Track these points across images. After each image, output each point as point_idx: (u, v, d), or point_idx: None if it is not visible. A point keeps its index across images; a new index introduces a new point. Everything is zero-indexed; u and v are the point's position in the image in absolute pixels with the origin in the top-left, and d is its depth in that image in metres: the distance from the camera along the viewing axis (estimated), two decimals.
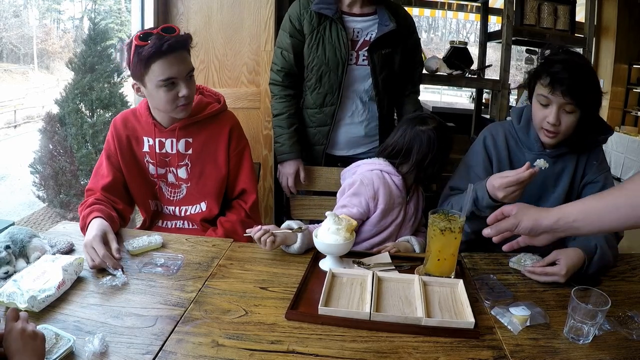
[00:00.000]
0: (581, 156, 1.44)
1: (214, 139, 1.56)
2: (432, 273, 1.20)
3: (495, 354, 0.93)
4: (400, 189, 1.54)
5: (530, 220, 0.98)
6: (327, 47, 1.77)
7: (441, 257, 1.18)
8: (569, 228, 0.95)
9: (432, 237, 1.18)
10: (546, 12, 2.98)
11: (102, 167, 1.54)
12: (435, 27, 32.10)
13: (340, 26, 1.75)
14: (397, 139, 1.53)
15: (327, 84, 1.82)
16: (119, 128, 1.55)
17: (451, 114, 4.91)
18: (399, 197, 1.54)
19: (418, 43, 1.98)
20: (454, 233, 1.16)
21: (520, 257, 1.29)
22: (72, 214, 5.24)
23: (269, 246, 1.28)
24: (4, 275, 1.10)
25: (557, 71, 1.30)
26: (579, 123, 1.35)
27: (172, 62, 1.37)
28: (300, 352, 0.91)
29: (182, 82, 1.41)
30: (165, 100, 1.41)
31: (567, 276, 1.18)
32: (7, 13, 25.47)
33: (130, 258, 1.27)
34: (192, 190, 1.58)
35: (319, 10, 1.75)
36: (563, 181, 1.44)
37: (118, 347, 0.90)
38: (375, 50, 1.79)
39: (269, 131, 2.43)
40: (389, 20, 1.76)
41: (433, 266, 1.20)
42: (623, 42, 6.24)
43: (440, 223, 1.17)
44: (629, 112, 6.66)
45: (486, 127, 1.57)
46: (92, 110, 5.26)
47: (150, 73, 1.38)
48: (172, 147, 1.54)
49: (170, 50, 1.36)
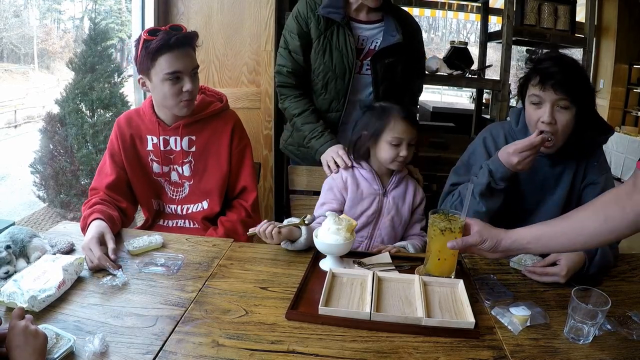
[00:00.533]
0: (581, 159, 1.43)
1: (217, 137, 1.58)
2: (432, 273, 1.20)
3: (496, 354, 0.93)
4: (370, 181, 1.57)
5: (493, 240, 1.08)
6: (335, 53, 1.74)
7: (441, 257, 1.18)
8: (521, 249, 1.08)
9: (432, 237, 1.18)
10: (546, 12, 2.98)
11: (105, 166, 1.55)
12: (435, 27, 32.11)
13: (348, 32, 1.72)
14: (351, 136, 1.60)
15: (333, 90, 1.79)
16: (123, 127, 1.56)
17: (451, 114, 4.92)
18: (369, 188, 1.56)
19: (422, 49, 1.94)
20: (454, 233, 1.15)
21: (521, 257, 1.29)
22: (73, 214, 5.24)
23: (275, 238, 1.29)
24: (4, 275, 1.11)
25: (546, 67, 1.30)
26: (576, 123, 1.34)
27: (178, 56, 1.40)
28: (300, 352, 0.91)
29: (186, 77, 1.43)
30: (170, 94, 1.43)
31: (567, 276, 1.18)
32: (8, 13, 25.48)
33: (130, 258, 1.27)
34: (194, 189, 1.59)
35: (327, 14, 1.70)
36: (563, 183, 1.43)
37: (118, 347, 0.90)
38: (378, 60, 1.75)
39: (269, 131, 2.43)
40: (395, 31, 1.72)
41: (433, 266, 1.20)
42: (623, 42, 6.25)
43: (440, 223, 1.16)
44: (629, 112, 6.66)
45: (486, 128, 1.57)
46: (93, 110, 5.26)
47: (157, 66, 1.41)
48: (176, 144, 1.55)
49: (177, 44, 1.40)
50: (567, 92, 1.28)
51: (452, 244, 1.11)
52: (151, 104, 1.55)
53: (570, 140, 1.38)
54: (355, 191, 1.56)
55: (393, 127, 1.48)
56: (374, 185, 1.57)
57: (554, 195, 1.44)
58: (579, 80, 1.31)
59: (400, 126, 1.49)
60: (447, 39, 29.55)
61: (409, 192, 1.61)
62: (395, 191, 1.59)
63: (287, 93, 1.83)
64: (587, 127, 1.38)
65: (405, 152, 1.49)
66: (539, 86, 1.31)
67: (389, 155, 1.50)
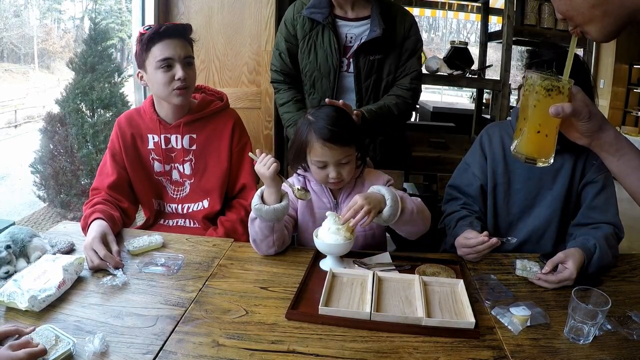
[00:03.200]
0: (580, 155, 1.44)
1: (218, 135, 1.59)
2: (527, 154, 0.91)
3: (496, 354, 0.93)
4: (319, 194, 1.43)
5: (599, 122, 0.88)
6: (319, 53, 1.75)
7: (542, 130, 0.88)
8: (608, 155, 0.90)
9: (531, 104, 0.88)
10: (547, 12, 2.98)
11: (106, 166, 1.55)
12: (435, 27, 32.13)
13: (331, 32, 1.72)
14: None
15: (321, 90, 1.80)
16: (124, 127, 1.56)
17: (452, 114, 4.92)
18: (318, 201, 1.42)
19: (418, 46, 1.81)
20: (562, 95, 0.85)
21: (525, 264, 1.27)
22: (73, 213, 5.24)
23: (271, 168, 1.22)
24: (4, 275, 1.11)
25: (539, 53, 1.34)
26: None
27: (170, 44, 1.43)
28: (300, 352, 0.91)
29: (178, 64, 1.44)
30: (162, 82, 1.44)
31: (576, 278, 1.18)
32: (8, 13, 25.49)
33: (130, 258, 1.27)
34: (195, 187, 1.60)
35: (310, 15, 1.72)
36: (561, 179, 1.44)
37: (118, 347, 0.90)
38: (361, 56, 1.72)
39: (269, 131, 2.43)
40: (377, 26, 1.67)
41: (531, 143, 0.90)
42: (623, 42, 6.25)
43: (545, 81, 0.86)
44: (630, 112, 6.66)
45: (484, 127, 1.60)
46: (93, 110, 5.26)
47: (150, 56, 1.43)
48: (177, 142, 1.56)
49: (168, 33, 1.43)
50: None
51: (556, 109, 0.84)
52: (151, 102, 1.56)
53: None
54: (305, 204, 1.42)
55: (312, 149, 1.31)
56: (322, 198, 1.43)
57: (552, 191, 1.45)
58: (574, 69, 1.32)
59: (317, 149, 1.29)
60: (447, 39, 29.55)
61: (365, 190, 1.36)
62: (350, 198, 1.38)
63: (277, 87, 1.90)
64: None
65: (334, 174, 1.31)
66: (528, 69, 1.34)
67: (319, 177, 1.35)
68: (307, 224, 1.44)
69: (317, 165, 1.32)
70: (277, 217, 1.24)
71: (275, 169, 1.23)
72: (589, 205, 1.41)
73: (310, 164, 1.35)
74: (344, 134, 1.30)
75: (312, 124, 1.31)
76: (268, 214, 1.23)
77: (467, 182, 1.53)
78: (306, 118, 1.35)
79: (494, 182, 1.50)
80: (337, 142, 1.28)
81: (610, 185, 1.43)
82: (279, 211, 1.24)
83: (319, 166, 1.32)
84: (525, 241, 1.49)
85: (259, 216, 1.25)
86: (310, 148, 1.31)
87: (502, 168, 1.48)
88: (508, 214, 1.50)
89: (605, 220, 1.36)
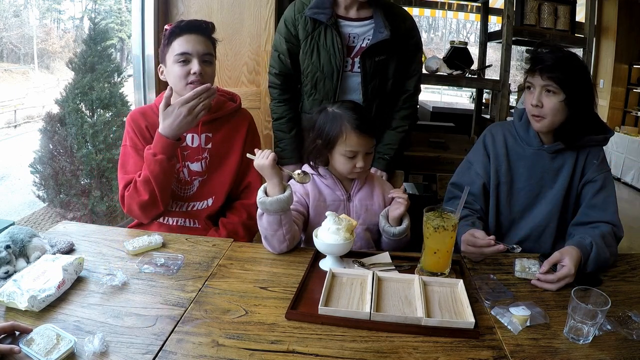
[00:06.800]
0: (580, 154, 1.44)
1: (233, 134, 1.62)
2: (428, 269, 1.22)
3: (495, 354, 0.93)
4: (332, 187, 1.49)
5: None
6: (322, 53, 1.74)
7: (436, 254, 1.21)
8: None
9: (427, 235, 1.21)
10: (546, 12, 2.98)
11: (130, 161, 1.53)
12: (435, 27, 32.12)
13: (335, 32, 1.71)
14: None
15: (323, 90, 1.80)
16: (138, 119, 1.56)
17: (451, 114, 4.92)
18: (332, 194, 1.49)
19: (418, 47, 1.87)
20: (447, 231, 1.18)
21: (523, 265, 1.27)
22: (73, 213, 5.24)
23: (269, 157, 1.27)
24: (4, 275, 1.10)
25: (538, 54, 1.37)
26: (569, 112, 1.36)
27: (189, 40, 1.46)
28: (300, 352, 0.91)
29: (195, 60, 1.47)
30: (179, 75, 1.47)
31: (575, 274, 1.18)
32: (7, 13, 25.47)
33: (130, 258, 1.27)
34: (204, 185, 1.60)
35: (312, 15, 1.71)
36: (562, 177, 1.45)
37: (118, 347, 0.90)
38: (368, 57, 1.73)
39: (269, 131, 2.43)
40: (383, 27, 1.69)
41: (429, 262, 1.22)
42: (623, 42, 6.26)
43: (433, 221, 1.19)
44: (629, 112, 6.67)
45: (487, 127, 1.61)
46: (93, 110, 5.26)
47: (170, 51, 1.48)
48: (193, 141, 1.58)
49: (188, 29, 1.47)
50: (554, 76, 1.32)
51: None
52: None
53: (566, 133, 1.40)
54: (317, 198, 1.48)
55: (346, 139, 1.38)
56: (336, 191, 1.49)
57: (552, 190, 1.46)
58: (570, 67, 1.34)
59: (353, 138, 1.38)
60: (447, 39, 29.57)
61: (377, 189, 1.53)
62: (361, 193, 1.51)
63: (273, 95, 1.91)
64: (584, 122, 1.38)
65: (362, 164, 1.40)
66: (530, 72, 1.38)
67: (345, 168, 1.43)
68: (320, 217, 1.44)
69: (348, 155, 1.40)
70: (282, 208, 1.26)
71: (274, 157, 1.28)
72: (588, 203, 1.42)
73: (338, 156, 1.42)
74: (373, 124, 1.46)
75: (344, 117, 1.40)
76: (272, 204, 1.26)
77: (470, 180, 1.53)
78: (330, 112, 1.43)
79: (496, 181, 1.50)
80: (370, 132, 1.41)
81: (610, 184, 1.43)
82: (282, 201, 1.26)
83: (349, 156, 1.40)
84: (525, 239, 1.49)
85: (265, 209, 1.27)
86: (345, 138, 1.39)
87: (505, 167, 1.49)
88: (510, 212, 1.51)
89: (604, 219, 1.37)
